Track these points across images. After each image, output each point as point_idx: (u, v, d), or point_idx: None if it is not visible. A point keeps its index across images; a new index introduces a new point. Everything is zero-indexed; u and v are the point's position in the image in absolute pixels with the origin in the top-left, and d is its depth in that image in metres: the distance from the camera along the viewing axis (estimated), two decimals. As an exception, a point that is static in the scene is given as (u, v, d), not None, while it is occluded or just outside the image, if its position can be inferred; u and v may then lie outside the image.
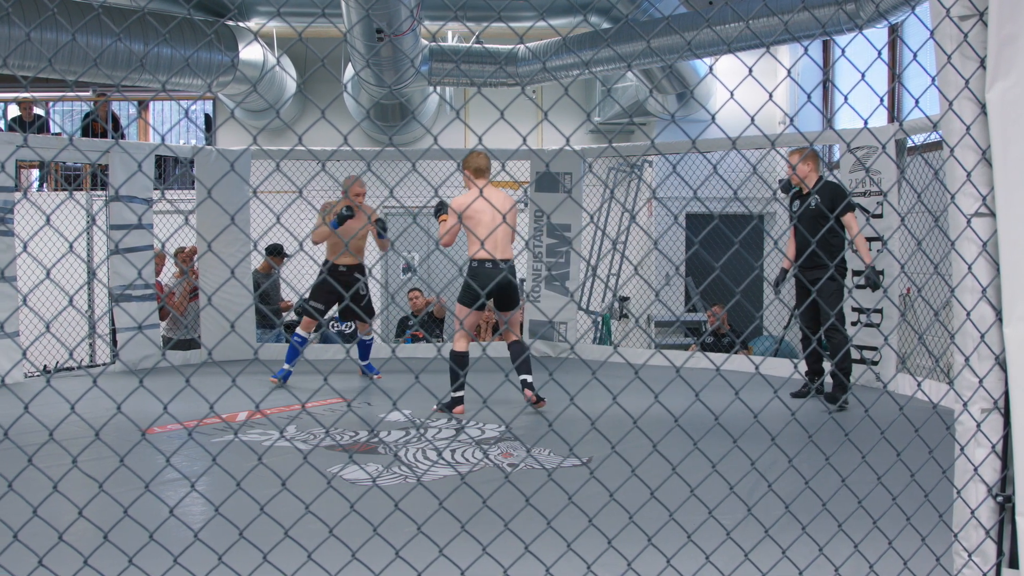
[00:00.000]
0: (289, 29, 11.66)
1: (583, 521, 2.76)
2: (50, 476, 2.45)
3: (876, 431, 3.03)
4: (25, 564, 2.58)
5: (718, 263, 2.83)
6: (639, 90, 11.76)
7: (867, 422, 2.99)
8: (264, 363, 2.83)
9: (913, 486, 3.09)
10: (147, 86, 11.81)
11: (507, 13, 9.86)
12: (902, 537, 3.07)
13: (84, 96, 13.29)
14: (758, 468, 3.04)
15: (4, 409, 2.59)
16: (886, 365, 8.03)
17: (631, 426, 2.75)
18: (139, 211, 9.39)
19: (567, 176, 10.47)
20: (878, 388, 7.64)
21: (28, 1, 8.18)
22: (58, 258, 2.49)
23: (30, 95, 11.87)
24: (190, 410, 6.26)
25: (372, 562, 2.72)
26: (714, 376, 2.79)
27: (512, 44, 10.94)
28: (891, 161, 7.88)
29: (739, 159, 10.53)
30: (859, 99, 3.13)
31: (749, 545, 2.96)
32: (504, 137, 4.90)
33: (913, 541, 3.08)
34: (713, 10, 9.05)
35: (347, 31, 8.59)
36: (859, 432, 4.09)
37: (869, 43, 2.96)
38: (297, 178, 11.27)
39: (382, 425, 6.45)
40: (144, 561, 2.62)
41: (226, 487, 2.76)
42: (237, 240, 9.89)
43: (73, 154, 9.28)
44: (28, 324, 9.33)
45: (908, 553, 3.02)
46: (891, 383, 7.88)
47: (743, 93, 2.72)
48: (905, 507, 3.08)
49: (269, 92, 11.30)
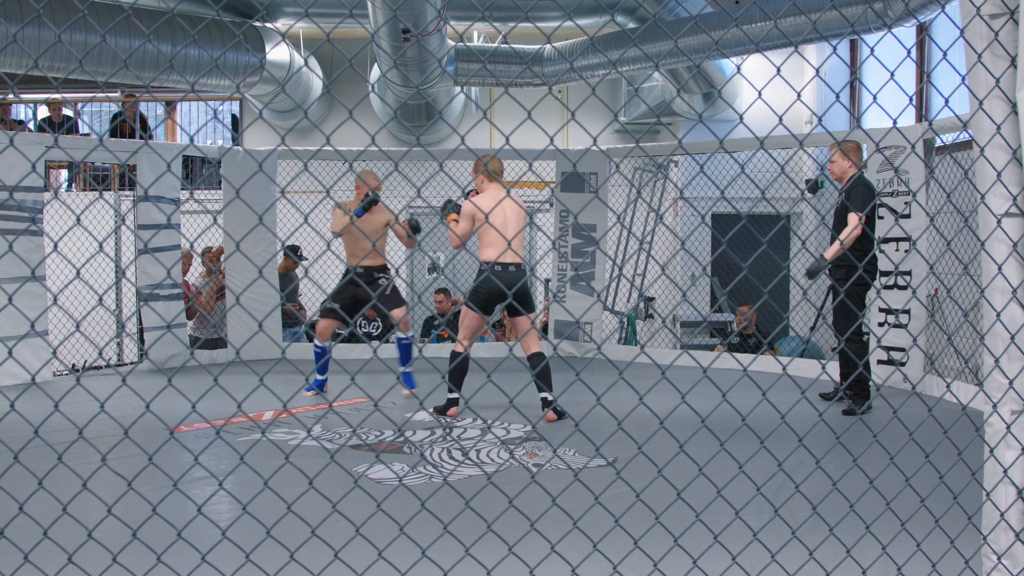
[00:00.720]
0: (315, 29, 11.71)
1: (609, 521, 2.76)
2: (79, 474, 2.47)
3: (904, 433, 3.00)
4: (55, 561, 2.61)
5: (745, 263, 2.82)
6: (664, 90, 11.73)
7: (895, 423, 2.96)
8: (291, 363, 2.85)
9: (942, 488, 3.06)
10: (175, 87, 11.89)
11: (533, 13, 9.86)
12: (930, 539, 3.05)
13: (113, 97, 13.39)
14: (785, 469, 3.02)
15: (34, 407, 2.61)
16: (914, 366, 7.97)
17: (657, 427, 2.74)
18: (167, 211, 9.46)
19: (593, 176, 10.45)
20: (906, 389, 7.59)
21: (58, 3, 8.25)
22: (88, 258, 2.50)
23: (60, 96, 11.97)
24: (216, 409, 6.30)
25: (399, 561, 2.72)
26: (741, 377, 2.78)
27: (536, 44, 10.95)
28: (920, 161, 7.82)
29: (765, 159, 10.48)
30: (887, 98, 3.11)
31: (776, 546, 2.95)
32: (530, 137, 4.91)
33: (942, 543, 3.06)
34: (741, 9, 9.01)
35: (374, 32, 8.61)
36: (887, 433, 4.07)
37: (899, 42, 2.93)
38: (323, 178, 11.31)
39: (407, 424, 6.47)
40: (172, 559, 2.64)
41: (253, 486, 2.77)
42: (263, 240, 9.95)
43: (102, 154, 9.37)
44: (56, 323, 9.41)
45: (937, 555, 3.00)
46: (919, 384, 7.81)
47: (770, 92, 2.70)
48: (934, 509, 3.06)
49: (295, 92, 11.35)
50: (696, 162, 3.58)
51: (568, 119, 2.47)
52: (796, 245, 11.62)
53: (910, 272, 7.92)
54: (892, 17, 7.81)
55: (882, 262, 8.20)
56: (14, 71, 8.67)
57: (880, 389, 6.97)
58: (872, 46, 2.82)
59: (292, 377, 7.88)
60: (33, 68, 8.39)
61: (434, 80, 10.06)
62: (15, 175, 8.10)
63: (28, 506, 2.48)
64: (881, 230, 8.12)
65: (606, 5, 10.15)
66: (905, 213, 8.00)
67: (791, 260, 11.10)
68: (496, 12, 10.20)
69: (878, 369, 8.13)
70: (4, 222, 8.42)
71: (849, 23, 8.09)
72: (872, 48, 2.80)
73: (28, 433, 2.47)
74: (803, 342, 10.36)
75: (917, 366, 7.98)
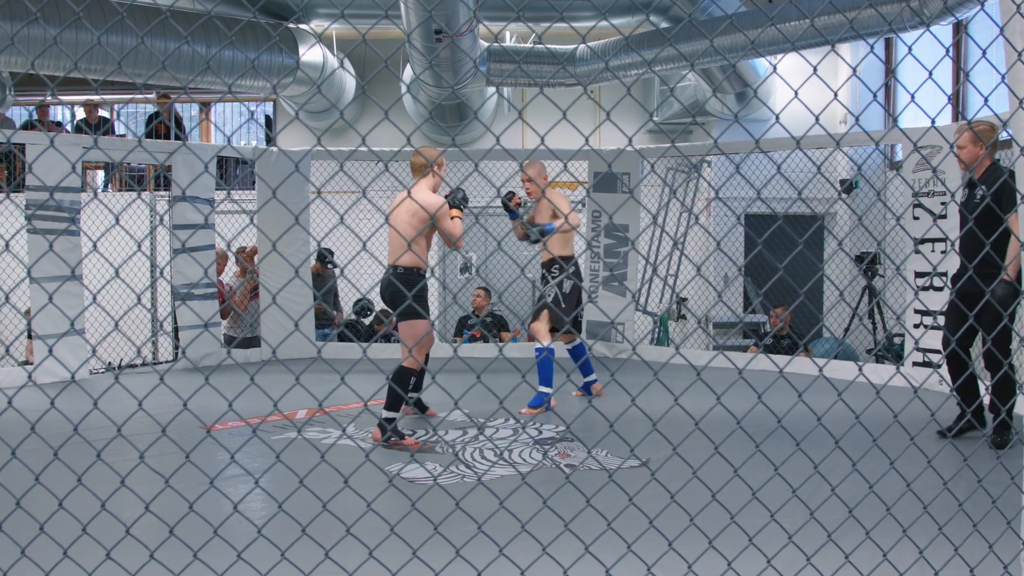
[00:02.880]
0: (347, 30, 11.76)
1: (643, 522, 2.75)
2: (118, 471, 2.50)
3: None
4: (94, 557, 2.63)
5: (779, 264, 2.80)
6: (697, 89, 11.68)
7: (933, 426, 2.94)
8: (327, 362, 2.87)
9: (980, 492, 3.03)
10: (209, 88, 11.98)
11: (566, 13, 9.85)
12: (968, 544, 3.01)
13: (148, 99, 13.52)
14: (821, 471, 3.00)
15: (73, 405, 2.64)
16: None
17: (691, 428, 2.73)
18: (204, 211, 9.54)
19: (626, 176, 10.43)
20: (943, 392, 7.51)
21: (96, 6, 8.35)
22: (126, 258, 2.53)
23: (99, 98, 12.10)
24: (251, 407, 6.35)
25: (433, 560, 2.73)
26: (777, 378, 2.76)
27: (568, 44, 10.94)
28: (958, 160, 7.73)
29: (798, 159, 10.42)
30: (922, 97, 3.08)
31: (811, 549, 2.92)
32: (562, 137, 4.89)
33: (980, 548, 3.02)
34: (777, 8, 8.96)
35: (409, 32, 8.64)
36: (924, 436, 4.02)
37: (937, 40, 2.90)
38: (356, 178, 11.36)
39: (440, 424, 6.48)
40: (208, 556, 2.66)
41: (288, 484, 2.79)
42: (297, 240, 10.01)
43: (138, 155, 9.46)
44: (93, 321, 9.51)
45: (975, 560, 2.97)
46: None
47: (803, 92, 2.69)
48: (972, 513, 3.03)
49: (329, 93, 11.40)
50: (732, 162, 3.56)
51: (603, 119, 2.46)
52: (830, 245, 11.53)
53: (946, 273, 7.85)
54: (929, 15, 7.73)
55: (919, 263, 8.12)
56: (54, 73, 8.78)
57: (917, 392, 6.69)
58: (910, 45, 2.79)
59: (326, 376, 7.91)
60: (73, 70, 8.49)
61: (467, 80, 10.08)
62: (55, 176, 8.20)
63: (67, 502, 2.52)
64: (919, 231, 8.04)
65: (641, 4, 10.12)
66: (942, 214, 7.92)
67: (826, 261, 11.04)
68: (529, 12, 10.21)
69: (914, 371, 8.05)
70: (43, 222, 8.53)
71: (886, 21, 8.02)
72: (910, 47, 2.78)
73: (67, 430, 2.50)
74: (838, 344, 10.28)
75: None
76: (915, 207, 8.18)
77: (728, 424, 2.80)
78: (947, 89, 9.84)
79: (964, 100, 10.11)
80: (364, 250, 2.28)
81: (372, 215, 11.38)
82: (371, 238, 2.32)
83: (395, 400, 5.94)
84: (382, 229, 2.61)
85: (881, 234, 10.46)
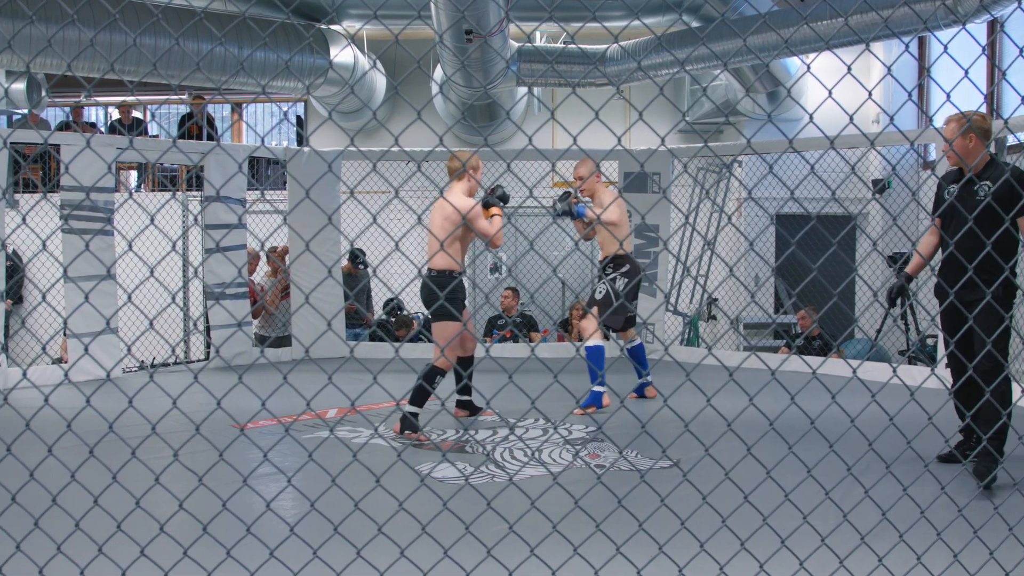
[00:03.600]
0: (377, 31, 11.80)
1: (675, 524, 2.74)
2: (152, 468, 2.52)
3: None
4: (128, 554, 2.66)
5: (812, 264, 2.78)
6: (728, 89, 11.63)
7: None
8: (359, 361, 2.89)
9: (1016, 496, 3.00)
10: (242, 88, 12.05)
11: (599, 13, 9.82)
12: (1004, 547, 2.98)
13: (182, 99, 13.62)
14: (854, 473, 2.98)
15: (107, 403, 2.67)
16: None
17: (723, 429, 2.72)
18: (237, 211, 9.60)
19: (656, 176, 10.39)
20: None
21: (131, 8, 8.44)
22: (161, 257, 2.55)
23: (133, 99, 12.20)
24: (282, 406, 6.39)
25: (464, 560, 2.73)
26: (810, 379, 2.74)
27: (597, 44, 10.92)
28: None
29: (830, 159, 10.34)
30: (958, 96, 3.05)
31: (844, 551, 2.90)
32: (594, 137, 4.88)
33: (1016, 551, 2.99)
34: (811, 7, 8.91)
35: (441, 33, 8.66)
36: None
37: (972, 38, 2.88)
38: (388, 178, 11.38)
39: (471, 424, 6.49)
40: (241, 553, 2.67)
41: (320, 483, 2.81)
42: (328, 240, 10.06)
43: (171, 156, 9.54)
44: (126, 320, 9.60)
45: (1011, 564, 2.94)
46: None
47: (836, 91, 2.66)
48: (1008, 517, 3.00)
49: (360, 94, 11.45)
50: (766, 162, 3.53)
51: (635, 119, 2.46)
52: (862, 246, 11.44)
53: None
54: (964, 13, 7.65)
55: None
56: (89, 75, 8.88)
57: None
58: (946, 44, 2.77)
59: (357, 376, 7.93)
60: (108, 72, 8.58)
61: (498, 80, 10.08)
62: (90, 176, 8.28)
63: (102, 499, 2.54)
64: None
65: (673, 3, 10.09)
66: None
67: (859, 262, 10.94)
68: (560, 12, 10.20)
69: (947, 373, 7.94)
70: (79, 222, 8.61)
71: (921, 19, 7.94)
72: (946, 46, 2.75)
73: (103, 428, 2.53)
74: (870, 345, 10.20)
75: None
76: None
77: (760, 425, 2.78)
78: (982, 88, 9.75)
79: (1000, 99, 10.00)
80: (396, 250, 2.29)
81: (404, 215, 11.41)
82: (403, 238, 2.33)
83: (420, 396, 6.06)
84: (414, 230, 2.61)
85: (915, 234, 10.36)
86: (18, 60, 8.58)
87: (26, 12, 7.62)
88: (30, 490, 2.63)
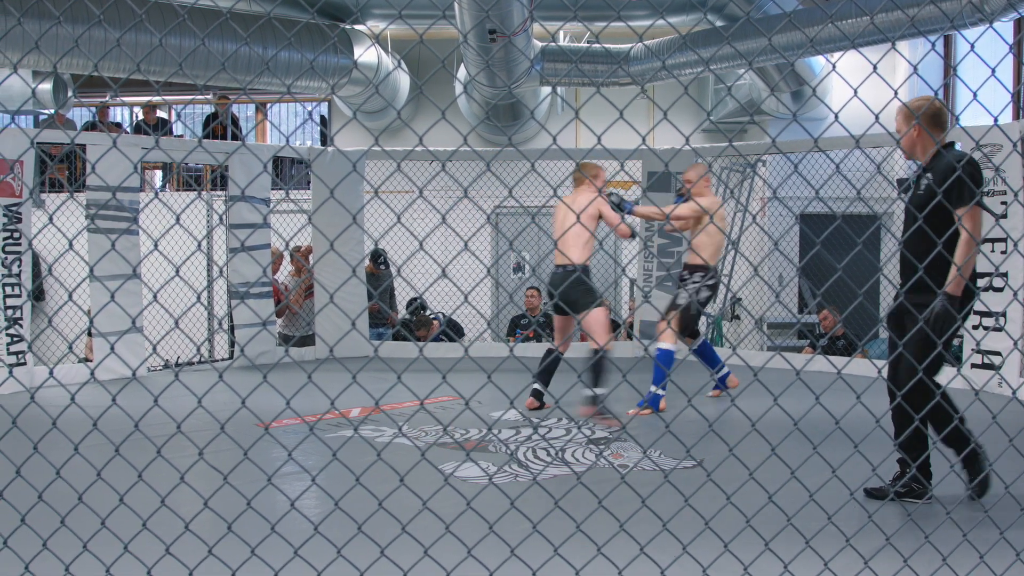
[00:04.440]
0: (400, 31, 11.81)
1: (699, 524, 2.73)
2: (177, 467, 2.53)
3: (1004, 439, 2.92)
4: (153, 552, 2.67)
5: (837, 264, 2.76)
6: (752, 88, 11.58)
7: (993, 428, 2.88)
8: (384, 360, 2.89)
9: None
10: (266, 88, 12.10)
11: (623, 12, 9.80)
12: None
13: (207, 99, 13.69)
14: (879, 474, 2.96)
15: (133, 402, 2.68)
16: (1011, 371, 7.73)
17: (747, 429, 2.71)
18: (262, 211, 9.65)
19: (679, 176, 10.35)
20: (1004, 394, 7.37)
21: (156, 9, 8.49)
22: (186, 256, 2.57)
23: (159, 99, 12.27)
24: (305, 405, 6.41)
25: (487, 559, 2.73)
26: (835, 379, 2.72)
27: (621, 43, 10.89)
28: (1020, 158, 7.57)
29: (854, 158, 10.27)
30: (984, 95, 3.02)
31: (869, 552, 2.88)
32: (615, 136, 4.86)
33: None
34: (836, 6, 8.85)
35: (465, 32, 8.66)
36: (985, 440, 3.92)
37: (1000, 37, 2.85)
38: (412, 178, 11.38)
39: (495, 424, 6.49)
40: (265, 552, 2.68)
41: (344, 481, 2.81)
42: (351, 239, 10.09)
43: (197, 155, 9.59)
44: (151, 319, 9.66)
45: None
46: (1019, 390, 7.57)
47: (861, 90, 2.64)
48: None
49: (384, 93, 11.47)
50: (791, 161, 3.51)
51: (660, 119, 2.45)
52: (887, 245, 11.36)
53: (1006, 274, 7.69)
54: (991, 11, 7.58)
55: (981, 263, 7.93)
56: (115, 75, 8.93)
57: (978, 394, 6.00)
58: (973, 42, 2.74)
59: (381, 375, 7.96)
60: (135, 72, 8.63)
61: (522, 80, 10.07)
62: (115, 176, 8.34)
63: (128, 497, 2.55)
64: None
65: (697, 2, 10.06)
66: (1003, 214, 7.77)
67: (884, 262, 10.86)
68: (584, 11, 10.19)
69: (973, 374, 7.89)
70: (104, 221, 8.67)
71: (948, 18, 7.88)
72: (972, 44, 2.73)
73: (128, 427, 2.54)
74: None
75: (1015, 371, 7.74)
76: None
77: (784, 425, 2.76)
78: (1009, 87, 9.66)
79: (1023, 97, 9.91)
80: (420, 249, 2.29)
81: (428, 215, 11.42)
82: (428, 237, 2.33)
83: (600, 377, 6.48)
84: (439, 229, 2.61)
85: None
86: (45, 60, 8.64)
87: (53, 12, 7.67)
88: (56, 488, 2.65)
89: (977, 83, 2.79)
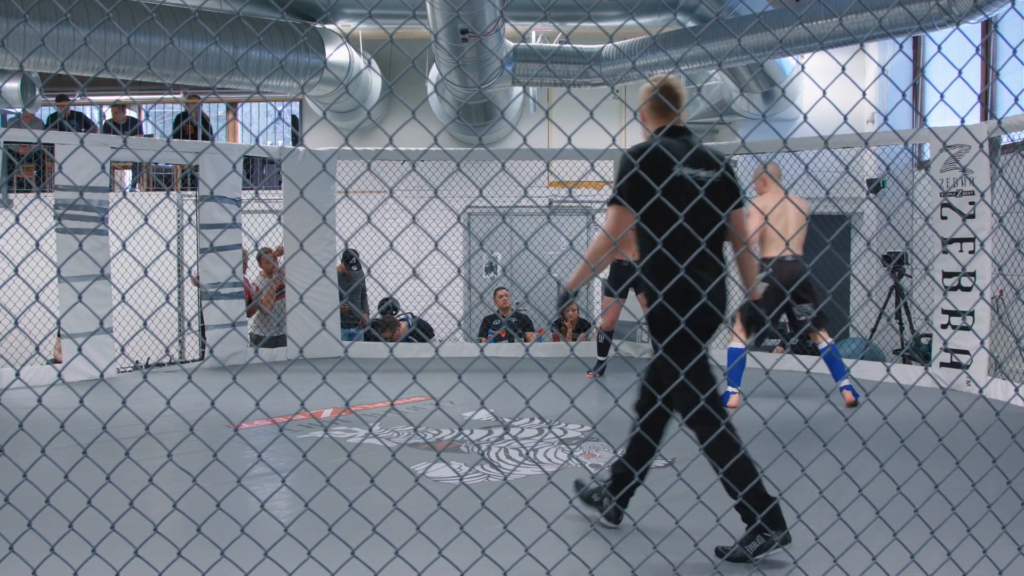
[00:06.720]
0: (372, 30, 11.79)
1: (670, 523, 2.74)
2: (146, 469, 2.51)
3: (971, 437, 2.95)
4: (122, 555, 2.65)
5: (806, 264, 2.78)
6: (723, 89, 11.64)
7: (961, 427, 2.91)
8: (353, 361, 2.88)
9: (1009, 493, 3.00)
10: (236, 88, 12.04)
11: (593, 13, 9.83)
12: (997, 546, 2.98)
13: (176, 99, 13.60)
14: (848, 472, 2.98)
15: (101, 403, 2.66)
16: (978, 369, 7.82)
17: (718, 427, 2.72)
18: (232, 211, 9.59)
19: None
20: (972, 393, 7.44)
21: (125, 7, 8.42)
22: (155, 257, 2.55)
23: (128, 98, 12.18)
24: (276, 406, 6.38)
25: (458, 559, 2.73)
26: (804, 379, 2.75)
27: (592, 43, 10.92)
28: (988, 160, 7.66)
29: (824, 159, 10.36)
30: (952, 96, 3.05)
31: (838, 551, 2.91)
32: (587, 137, 4.88)
33: (1008, 549, 3.00)
34: (805, 7, 8.92)
35: (436, 32, 8.65)
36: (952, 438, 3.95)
37: (966, 39, 2.88)
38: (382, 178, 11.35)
39: (466, 424, 6.49)
40: (235, 554, 2.67)
41: (315, 483, 2.80)
42: (323, 239, 10.05)
43: (166, 155, 9.52)
44: (120, 320, 9.59)
45: (1004, 562, 2.94)
46: (986, 388, 7.65)
47: (831, 91, 2.67)
48: (1001, 515, 3.00)
49: (355, 93, 11.44)
50: (760, 161, 3.54)
51: (630, 119, 2.46)
52: (857, 245, 11.46)
53: (974, 273, 7.78)
54: (958, 13, 7.66)
55: (948, 263, 8.02)
56: (83, 73, 8.86)
57: (945, 392, 6.20)
58: (940, 43, 2.77)
59: (351, 375, 7.95)
60: (103, 71, 8.56)
61: (493, 80, 10.08)
62: (84, 175, 8.27)
63: (96, 500, 2.53)
64: (947, 231, 7.95)
65: (668, 3, 10.09)
66: (971, 214, 7.85)
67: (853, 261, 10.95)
68: (555, 12, 10.20)
69: (942, 372, 7.97)
70: (72, 221, 8.59)
71: (915, 19, 7.95)
72: (939, 46, 2.75)
73: (96, 428, 2.52)
74: (864, 344, 10.21)
75: (982, 369, 7.83)
76: (943, 207, 8.11)
77: (754, 424, 2.78)
78: (976, 88, 9.76)
79: (994, 99, 10.02)
80: (391, 249, 2.29)
81: (399, 215, 11.39)
82: (398, 237, 2.33)
83: None
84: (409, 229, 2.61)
85: (909, 234, 10.38)
86: (11, 59, 8.56)
87: (19, 10, 7.61)
88: (23, 491, 2.63)
89: (944, 84, 2.82)
